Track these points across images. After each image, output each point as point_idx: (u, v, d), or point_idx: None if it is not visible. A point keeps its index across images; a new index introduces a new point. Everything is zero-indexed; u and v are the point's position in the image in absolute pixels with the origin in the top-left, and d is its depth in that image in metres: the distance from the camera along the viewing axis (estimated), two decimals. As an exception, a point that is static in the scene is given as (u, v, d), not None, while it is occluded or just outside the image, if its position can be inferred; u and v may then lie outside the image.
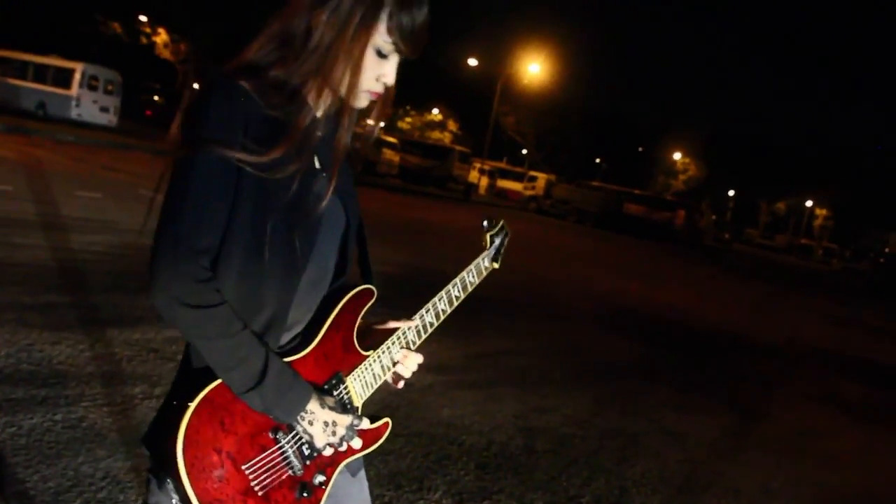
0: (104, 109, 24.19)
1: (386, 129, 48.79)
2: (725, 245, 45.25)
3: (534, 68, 36.69)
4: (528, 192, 38.11)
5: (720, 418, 5.78)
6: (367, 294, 1.39)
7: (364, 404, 1.38)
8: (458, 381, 5.26)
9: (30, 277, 5.52)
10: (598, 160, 55.82)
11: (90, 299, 5.32)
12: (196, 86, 26.28)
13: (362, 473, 1.47)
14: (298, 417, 1.21)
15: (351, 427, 1.26)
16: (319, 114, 1.32)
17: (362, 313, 1.39)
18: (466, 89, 44.02)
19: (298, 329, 1.34)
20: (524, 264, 13.37)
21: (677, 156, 52.98)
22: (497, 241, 1.73)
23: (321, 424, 1.23)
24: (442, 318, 1.55)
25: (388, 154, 33.82)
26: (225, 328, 1.15)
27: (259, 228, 1.21)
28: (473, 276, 1.64)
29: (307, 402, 1.22)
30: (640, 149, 56.34)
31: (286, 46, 1.24)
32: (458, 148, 38.37)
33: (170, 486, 1.17)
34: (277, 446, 1.23)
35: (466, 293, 1.61)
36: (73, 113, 23.31)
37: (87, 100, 23.62)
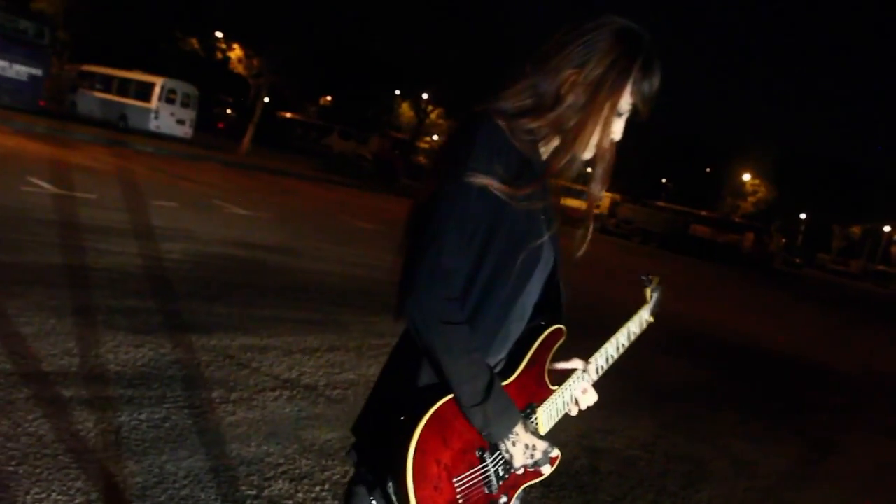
0: (181, 122, 25.15)
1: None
2: (796, 269, 43.84)
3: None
4: (592, 211, 37.77)
5: (790, 448, 5.63)
6: (558, 333, 1.48)
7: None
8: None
9: (114, 282, 5.81)
10: (663, 180, 54.94)
11: (169, 305, 5.55)
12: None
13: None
14: (506, 437, 1.29)
15: (545, 452, 1.34)
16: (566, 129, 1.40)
17: (554, 349, 1.47)
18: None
19: (500, 356, 1.41)
20: (587, 284, 13.28)
21: (746, 177, 51.68)
22: (656, 295, 1.80)
23: (522, 446, 1.30)
24: (611, 362, 1.63)
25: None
26: (467, 344, 1.25)
27: (504, 258, 1.31)
28: (636, 327, 1.72)
29: (517, 423, 1.30)
30: (708, 169, 55.20)
31: (538, 99, 1.33)
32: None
33: (390, 488, 1.25)
34: (482, 465, 1.31)
35: (630, 342, 1.71)
36: (152, 125, 24.32)
37: (165, 112, 24.61)
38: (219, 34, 32.24)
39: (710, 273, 25.41)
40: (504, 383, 1.36)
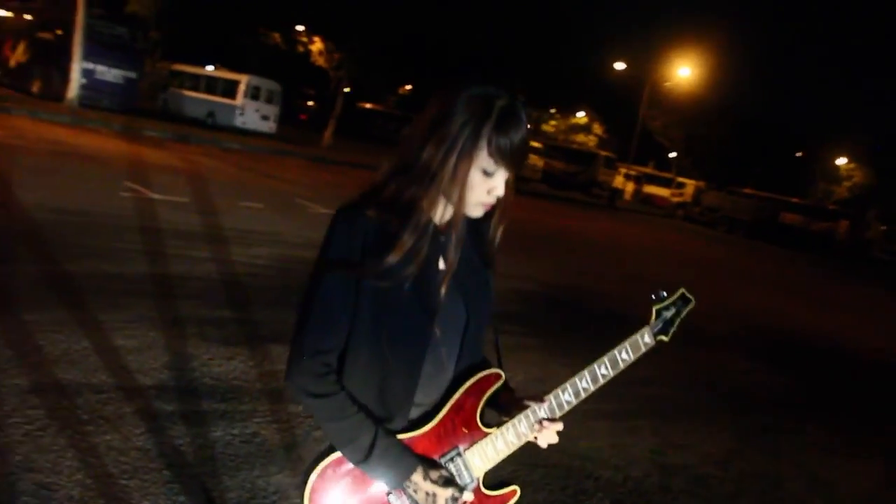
0: (265, 117, 26.00)
1: (531, 134, 48.77)
2: (896, 258, 41.57)
3: (684, 71, 35.45)
4: (676, 199, 36.94)
5: (876, 466, 5.49)
6: (493, 378, 1.57)
7: (487, 473, 1.58)
8: (596, 410, 5.34)
9: (206, 291, 6.18)
10: (751, 166, 53.01)
11: (257, 315, 5.88)
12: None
13: None
14: (403, 486, 1.45)
15: (450, 499, 1.46)
16: (439, 220, 1.52)
17: (487, 394, 1.56)
18: (613, 91, 43.22)
19: (427, 407, 1.55)
20: (667, 277, 13.09)
21: (841, 161, 49.22)
22: (668, 313, 1.76)
23: (423, 493, 1.45)
24: (583, 395, 1.65)
25: (533, 159, 33.93)
26: (338, 413, 1.43)
27: (379, 328, 1.46)
28: (628, 354, 1.68)
29: (410, 474, 1.45)
30: (799, 154, 52.83)
31: (401, 171, 1.47)
32: (604, 153, 37.81)
33: None
34: None
35: (616, 371, 1.67)
36: (238, 121, 25.25)
37: (250, 109, 25.50)
38: (300, 28, 33.07)
39: (801, 264, 24.48)
40: (418, 432, 1.49)
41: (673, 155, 46.45)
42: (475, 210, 1.50)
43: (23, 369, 3.89)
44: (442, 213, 1.52)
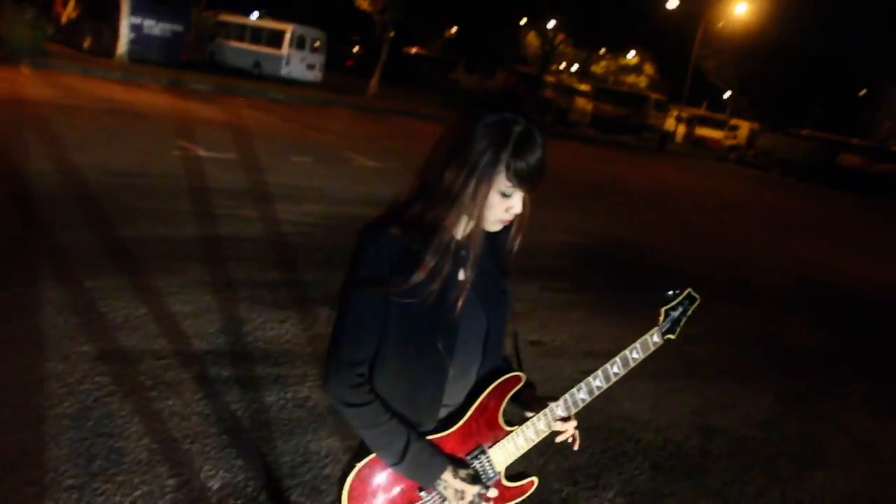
0: (310, 66, 26.02)
1: (579, 75, 47.84)
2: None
3: (740, 8, 33.99)
4: (729, 142, 35.90)
5: (922, 426, 5.45)
6: (514, 380, 1.68)
7: (509, 467, 1.70)
8: (640, 371, 5.29)
9: (257, 253, 6.38)
10: (810, 106, 50.98)
11: (306, 276, 6.06)
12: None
13: None
14: (434, 484, 1.58)
15: (477, 495, 1.60)
16: (460, 236, 1.60)
17: (509, 395, 1.68)
18: (665, 30, 41.79)
19: (453, 409, 1.67)
20: (712, 226, 12.90)
21: (907, 98, 46.93)
22: (675, 313, 1.88)
23: (452, 491, 1.58)
24: (596, 393, 1.76)
25: (581, 103, 33.29)
26: (373, 420, 1.55)
27: (407, 339, 1.56)
28: (638, 353, 1.81)
29: (441, 474, 1.57)
30: (862, 93, 50.53)
31: (423, 193, 1.56)
32: (654, 95, 36.84)
33: None
34: (421, 502, 1.62)
35: (627, 369, 1.79)
36: (284, 71, 25.33)
37: (295, 58, 25.53)
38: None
39: (861, 210, 23.72)
40: (445, 433, 1.62)
41: (727, 95, 44.98)
42: (494, 226, 1.59)
43: (89, 337, 4.13)
44: (463, 229, 1.60)
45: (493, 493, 1.64)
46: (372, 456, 1.59)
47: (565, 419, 1.72)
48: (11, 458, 3.00)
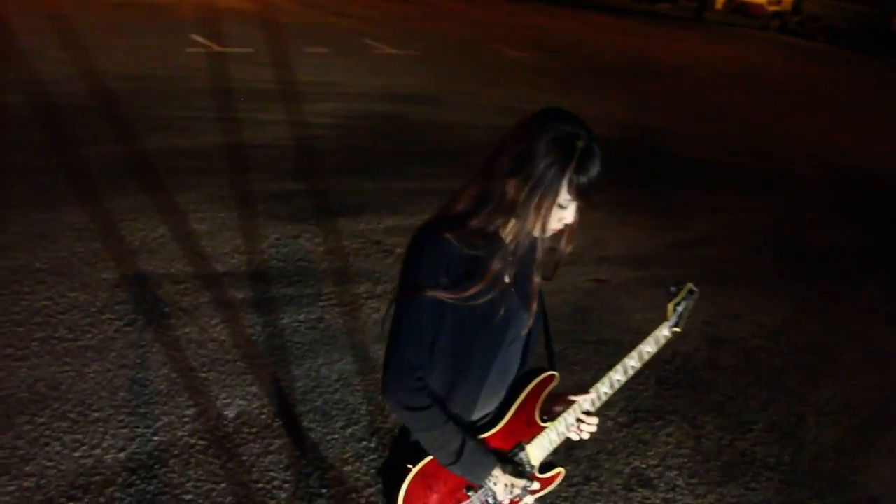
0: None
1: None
2: None
3: None
4: (773, 8, 33.76)
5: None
6: (549, 379, 1.78)
7: (542, 461, 1.80)
8: (654, 277, 5.43)
9: (273, 160, 6.37)
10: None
11: (322, 184, 6.06)
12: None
13: None
14: (486, 480, 1.67)
15: (524, 488, 1.72)
16: (512, 243, 1.61)
17: (545, 393, 1.77)
18: None
19: (490, 408, 1.75)
20: (746, 109, 12.45)
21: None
22: (680, 308, 1.93)
23: (502, 486, 1.68)
24: (617, 387, 1.83)
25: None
26: (431, 423, 1.61)
27: (454, 340, 1.61)
28: (651, 347, 1.87)
29: (492, 470, 1.66)
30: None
31: (485, 203, 1.55)
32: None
33: None
34: (469, 500, 1.71)
35: (643, 362, 1.86)
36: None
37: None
38: None
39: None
40: (490, 433, 1.71)
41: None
42: (545, 234, 1.61)
43: (109, 263, 4.26)
44: (518, 234, 1.61)
45: (536, 485, 1.75)
46: (426, 461, 1.66)
47: (587, 414, 1.80)
48: (41, 392, 3.18)
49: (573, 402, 1.79)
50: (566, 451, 3.35)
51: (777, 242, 6.64)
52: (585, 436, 1.80)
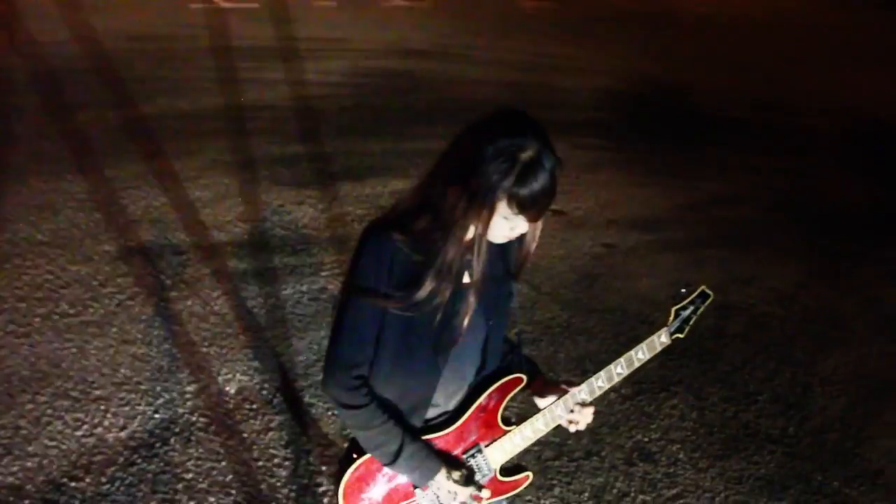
0: None
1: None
2: None
3: None
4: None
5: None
6: (516, 381, 1.70)
7: (504, 464, 1.74)
8: (663, 240, 5.35)
9: (277, 122, 6.29)
10: None
11: (327, 147, 5.98)
12: None
13: None
14: (428, 484, 1.63)
15: (470, 496, 1.65)
16: (468, 237, 1.50)
17: (509, 396, 1.70)
18: None
19: (449, 407, 1.69)
20: (768, 60, 12.08)
21: None
22: (685, 312, 1.86)
23: (445, 492, 1.64)
24: (598, 393, 1.74)
25: None
26: (367, 423, 1.58)
27: (401, 344, 1.56)
28: (644, 353, 1.78)
29: (434, 475, 1.62)
30: None
31: (427, 208, 1.48)
32: None
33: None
34: (415, 497, 1.68)
35: (631, 369, 1.77)
36: None
37: None
38: None
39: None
40: (441, 433, 1.66)
41: None
42: (499, 241, 1.54)
43: (111, 234, 4.24)
44: (470, 235, 1.53)
45: (485, 493, 1.69)
46: (368, 456, 1.64)
47: (583, 405, 1.73)
48: (43, 369, 3.20)
49: (565, 392, 1.71)
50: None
51: (794, 203, 6.49)
52: (582, 427, 1.73)
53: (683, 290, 1.87)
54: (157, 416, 3.06)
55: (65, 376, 3.18)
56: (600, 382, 1.73)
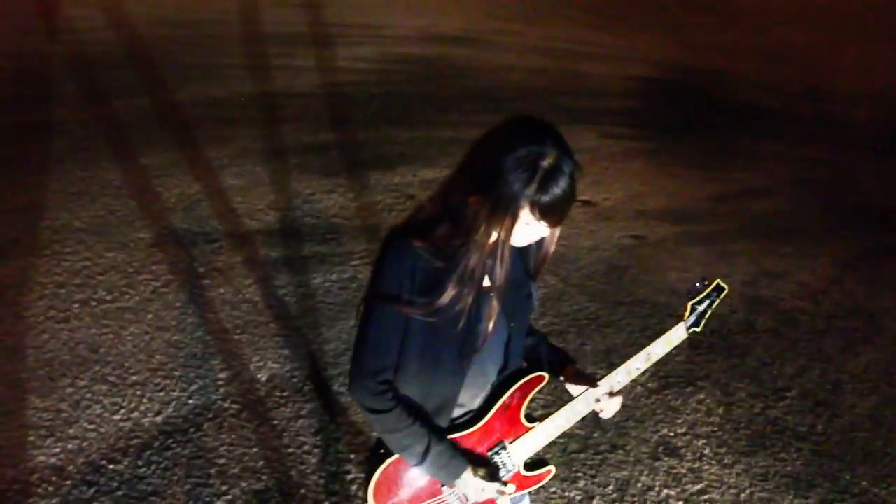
0: None
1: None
2: None
3: None
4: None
5: None
6: (538, 380, 1.74)
7: (529, 459, 1.78)
8: (693, 233, 5.31)
9: (308, 110, 6.34)
10: None
11: (358, 135, 6.02)
12: None
13: (524, 501, 1.90)
14: (454, 482, 1.67)
15: (496, 491, 1.69)
16: (488, 248, 1.53)
17: (532, 394, 1.73)
18: None
19: (472, 406, 1.73)
20: (804, 45, 11.84)
21: None
22: (701, 307, 1.88)
23: (472, 488, 1.68)
24: (618, 388, 1.78)
25: None
26: (393, 426, 1.61)
27: (426, 348, 1.59)
28: (661, 348, 1.81)
29: (461, 473, 1.66)
30: None
31: (448, 217, 1.50)
32: None
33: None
34: (443, 495, 1.72)
35: (649, 364, 1.81)
36: None
37: None
38: None
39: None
40: (466, 432, 1.70)
41: None
42: (520, 244, 1.56)
43: (145, 221, 4.33)
44: (492, 238, 1.55)
45: (510, 488, 1.73)
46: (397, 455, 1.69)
47: (610, 395, 1.76)
48: (82, 354, 3.30)
49: (593, 385, 1.75)
50: (593, 419, 3.35)
51: (827, 194, 6.40)
52: (609, 415, 1.78)
53: (698, 285, 1.88)
54: (190, 402, 3.14)
55: (103, 361, 3.28)
56: (619, 377, 1.77)
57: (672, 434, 3.41)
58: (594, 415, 1.79)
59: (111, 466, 2.79)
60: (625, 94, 8.34)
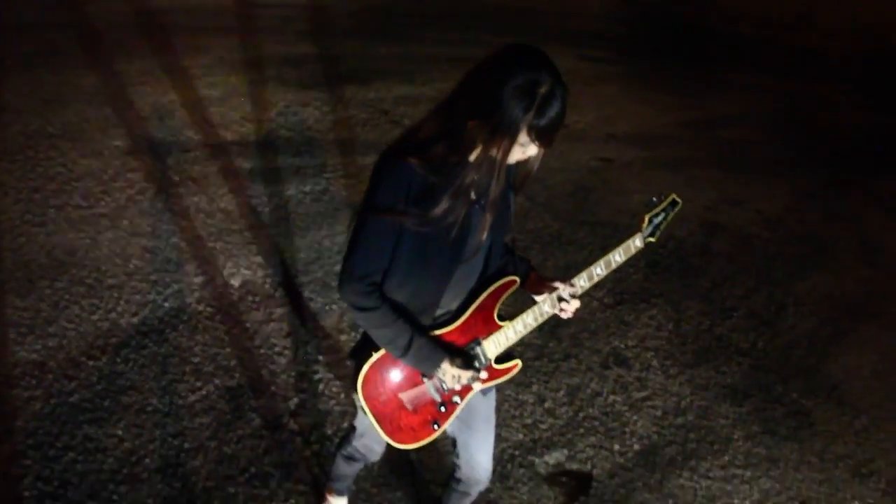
0: None
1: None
2: None
3: None
4: None
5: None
6: (509, 284, 1.92)
7: (499, 354, 1.97)
8: (660, 157, 5.44)
9: (287, 19, 6.26)
10: None
11: (335, 48, 5.99)
12: None
13: (492, 393, 2.10)
14: (433, 372, 1.86)
15: (471, 378, 1.90)
16: (477, 161, 1.67)
17: (504, 296, 1.92)
18: None
19: (452, 307, 1.91)
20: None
21: None
22: (658, 219, 2.08)
23: (450, 376, 1.87)
24: (579, 292, 1.96)
25: None
26: (379, 323, 1.78)
27: (415, 256, 1.74)
28: (620, 256, 2.02)
29: (440, 364, 1.84)
30: None
31: (446, 138, 1.63)
32: None
33: (357, 394, 1.91)
34: (424, 385, 1.92)
35: (609, 270, 2.01)
36: None
37: None
38: None
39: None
40: (447, 329, 1.88)
41: None
42: (512, 162, 1.70)
43: (120, 130, 4.36)
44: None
45: (483, 375, 1.94)
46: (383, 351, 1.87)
47: (568, 300, 1.92)
48: (59, 258, 3.40)
49: (553, 289, 1.92)
50: (550, 330, 3.57)
51: (794, 126, 6.52)
52: (570, 314, 1.95)
53: (655, 199, 2.07)
54: (166, 304, 3.29)
55: (80, 265, 3.39)
56: (582, 282, 1.95)
57: (623, 346, 3.64)
58: (552, 323, 1.97)
59: (90, 363, 2.95)
60: (604, 16, 8.29)
